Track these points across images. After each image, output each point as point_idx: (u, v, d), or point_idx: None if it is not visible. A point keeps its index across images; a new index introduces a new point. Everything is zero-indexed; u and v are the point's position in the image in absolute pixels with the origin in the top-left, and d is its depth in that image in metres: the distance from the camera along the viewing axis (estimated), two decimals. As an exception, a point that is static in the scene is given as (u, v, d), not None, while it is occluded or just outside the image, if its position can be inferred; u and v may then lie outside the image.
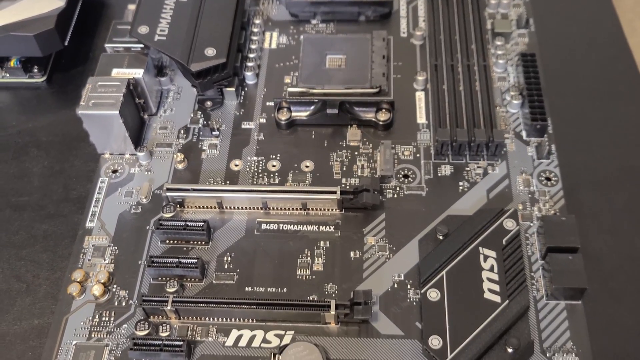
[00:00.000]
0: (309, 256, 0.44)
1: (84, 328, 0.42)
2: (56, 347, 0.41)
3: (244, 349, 0.40)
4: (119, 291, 0.43)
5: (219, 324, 0.41)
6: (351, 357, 0.40)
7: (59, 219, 0.47)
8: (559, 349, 0.39)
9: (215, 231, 0.45)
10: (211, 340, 0.41)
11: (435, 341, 0.39)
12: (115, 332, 0.41)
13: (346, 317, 0.40)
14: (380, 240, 0.44)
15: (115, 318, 0.42)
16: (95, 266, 0.44)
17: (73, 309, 0.42)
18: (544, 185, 0.46)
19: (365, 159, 0.48)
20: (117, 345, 0.41)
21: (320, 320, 0.41)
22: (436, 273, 0.41)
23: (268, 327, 0.41)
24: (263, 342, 0.41)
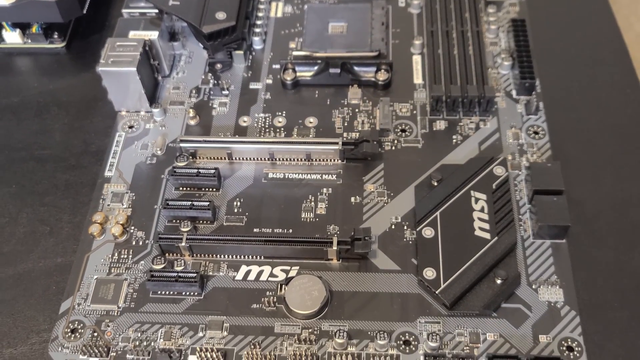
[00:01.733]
0: (313, 201, 0.47)
1: (104, 265, 0.45)
2: (78, 281, 0.44)
3: (252, 282, 0.44)
4: (136, 232, 0.46)
5: (229, 260, 0.45)
6: (352, 289, 0.43)
7: (79, 169, 0.50)
8: (544, 282, 0.42)
9: (225, 179, 0.48)
10: (222, 275, 0.44)
11: (429, 272, 0.42)
12: (133, 268, 0.45)
13: (347, 253, 0.44)
14: (379, 187, 0.47)
15: (133, 256, 0.45)
16: (114, 210, 0.47)
17: (94, 248, 0.46)
18: (532, 138, 0.49)
19: (365, 116, 0.51)
20: (135, 279, 0.44)
21: (323, 256, 0.44)
22: (431, 214, 0.44)
23: (275, 263, 0.44)
24: (270, 276, 0.44)
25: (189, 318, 0.42)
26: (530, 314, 0.41)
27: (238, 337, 0.41)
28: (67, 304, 0.43)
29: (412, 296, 0.42)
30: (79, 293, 0.43)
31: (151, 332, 0.42)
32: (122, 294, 0.43)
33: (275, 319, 0.42)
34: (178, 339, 0.41)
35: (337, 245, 0.43)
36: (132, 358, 0.41)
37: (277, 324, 0.42)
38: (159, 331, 0.42)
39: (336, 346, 0.40)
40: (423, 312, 0.42)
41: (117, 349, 0.41)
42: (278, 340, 0.41)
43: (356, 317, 0.42)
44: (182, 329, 0.42)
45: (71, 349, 0.41)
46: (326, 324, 0.42)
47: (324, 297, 0.42)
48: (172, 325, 0.42)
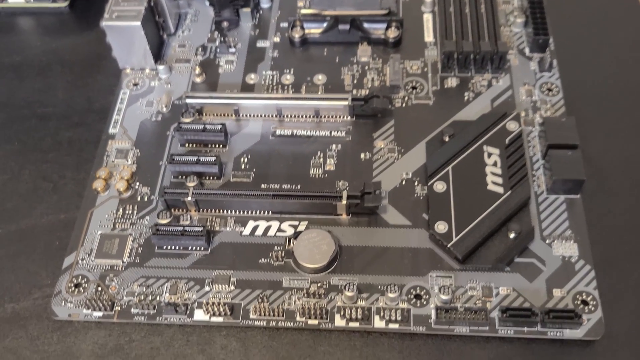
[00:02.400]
0: (321, 158, 0.46)
1: (108, 220, 0.44)
2: (82, 236, 0.43)
3: (260, 237, 0.43)
4: (141, 188, 0.45)
5: (236, 215, 0.44)
6: (361, 244, 0.42)
7: (83, 127, 0.49)
8: (558, 236, 0.41)
9: (232, 136, 0.47)
10: (229, 230, 0.43)
11: (441, 226, 0.41)
12: (138, 223, 0.44)
13: (357, 207, 0.43)
14: (389, 144, 0.46)
15: (137, 211, 0.44)
16: (118, 166, 0.46)
17: (98, 204, 0.45)
18: (546, 95, 0.48)
19: (375, 73, 0.50)
20: (140, 234, 0.43)
21: (332, 211, 0.43)
22: (442, 168, 0.43)
23: (283, 219, 0.43)
24: (278, 231, 0.43)
25: (195, 273, 0.41)
26: (544, 268, 0.40)
27: (245, 291, 0.40)
28: (70, 259, 0.42)
29: (423, 251, 0.41)
30: (83, 248, 0.43)
31: (156, 286, 0.41)
32: (126, 249, 0.42)
33: (284, 274, 0.41)
34: (184, 293, 0.40)
35: (347, 200, 0.42)
36: (137, 312, 0.40)
37: (286, 278, 0.41)
38: (164, 286, 0.41)
39: (345, 300, 0.39)
40: (434, 266, 0.41)
41: (121, 303, 0.40)
42: (286, 294, 0.40)
43: (366, 271, 0.41)
44: (188, 283, 0.41)
45: (75, 303, 0.40)
46: (335, 278, 0.41)
47: (333, 251, 0.41)
48: (177, 280, 0.41)
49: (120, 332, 0.40)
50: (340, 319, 0.39)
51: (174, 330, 0.40)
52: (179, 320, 0.40)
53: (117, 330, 0.40)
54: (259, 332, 0.39)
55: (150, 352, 0.39)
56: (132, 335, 0.39)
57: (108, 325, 0.40)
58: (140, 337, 0.39)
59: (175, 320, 0.40)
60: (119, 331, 0.40)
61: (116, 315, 0.40)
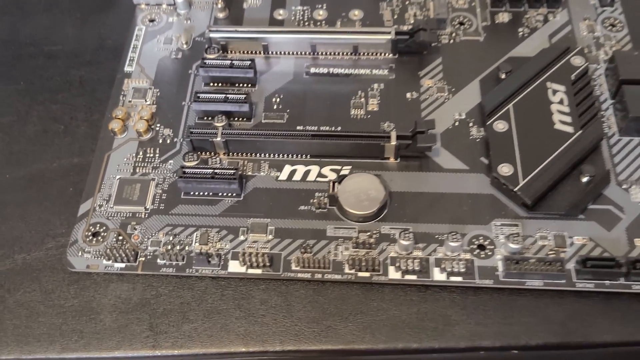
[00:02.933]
0: (363, 97, 0.41)
1: (127, 164, 0.39)
2: (99, 181, 0.38)
3: (298, 183, 0.38)
4: (163, 129, 0.40)
5: (270, 159, 0.39)
6: (413, 190, 0.37)
7: (95, 65, 0.44)
8: (635, 181, 0.37)
9: (261, 75, 0.43)
10: (263, 175, 0.38)
11: (505, 169, 0.36)
12: (161, 167, 0.39)
13: (407, 149, 0.38)
14: (438, 82, 0.42)
15: (160, 155, 0.39)
16: (136, 107, 0.41)
17: (115, 147, 0.40)
18: (609, 30, 0.43)
19: (417, 8, 0.45)
20: (164, 179, 0.38)
21: (379, 155, 0.38)
22: (502, 106, 0.39)
23: (323, 163, 0.39)
24: (319, 176, 0.38)
25: (228, 221, 0.37)
26: (623, 216, 0.36)
27: (285, 241, 0.36)
28: (86, 205, 0.37)
29: (484, 197, 0.37)
30: (100, 194, 0.38)
31: (184, 235, 0.36)
32: (149, 195, 0.38)
33: (328, 222, 0.36)
34: (216, 242, 0.36)
35: (397, 140, 0.37)
36: (164, 263, 0.35)
37: (330, 227, 0.36)
38: (193, 235, 0.36)
39: (400, 249, 0.35)
40: (497, 214, 0.36)
41: (146, 254, 0.36)
42: (332, 244, 0.36)
43: (420, 219, 0.36)
44: (220, 232, 0.36)
45: (93, 254, 0.36)
46: (386, 226, 0.36)
47: (383, 197, 0.36)
48: (208, 229, 0.36)
49: (145, 286, 0.35)
50: (394, 271, 0.35)
51: (206, 284, 0.35)
52: (211, 272, 0.35)
53: (141, 283, 0.35)
54: (302, 285, 0.35)
55: (181, 308, 0.34)
56: (159, 289, 0.35)
57: (131, 277, 0.35)
58: (168, 290, 0.35)
59: (208, 272, 0.35)
60: (144, 284, 0.35)
61: (140, 267, 0.35)
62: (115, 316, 0.34)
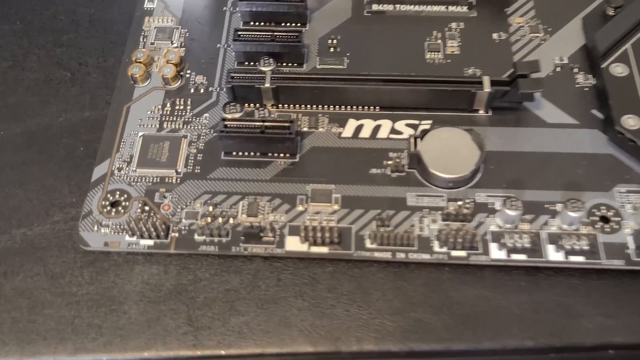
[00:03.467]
0: (440, 39, 0.34)
1: (152, 118, 0.31)
2: (117, 139, 0.31)
3: (367, 141, 0.30)
4: (195, 77, 0.33)
5: (330, 112, 0.31)
6: (511, 150, 0.30)
7: (108, 1, 0.36)
8: None
9: (313, 13, 0.35)
10: (322, 131, 0.31)
11: (630, 121, 0.29)
12: (195, 122, 0.31)
13: (502, 98, 0.30)
14: (530, 21, 0.34)
15: (192, 107, 0.32)
16: (161, 50, 0.33)
17: (136, 97, 0.32)
18: None
19: None
20: (199, 136, 0.31)
21: (466, 106, 0.31)
22: (617, 47, 0.31)
23: (396, 116, 0.31)
24: (392, 133, 0.30)
25: (282, 187, 0.29)
26: None
27: (355, 211, 0.28)
28: (102, 169, 0.30)
29: (601, 157, 0.29)
30: (119, 155, 0.30)
31: (227, 205, 0.28)
32: (181, 155, 0.30)
33: (408, 188, 0.29)
34: (268, 214, 0.28)
35: (491, 86, 0.30)
36: (203, 239, 0.27)
37: (411, 194, 0.29)
38: (239, 204, 0.28)
39: (503, 222, 0.27)
40: (620, 178, 0.29)
41: (179, 228, 0.28)
42: (414, 216, 0.28)
43: (524, 184, 0.29)
44: (272, 201, 0.28)
45: (112, 228, 0.28)
46: (482, 194, 0.28)
47: (479, 156, 0.28)
48: (257, 197, 0.28)
49: (180, 268, 0.27)
50: (497, 249, 0.27)
51: (258, 266, 0.27)
52: (264, 251, 0.27)
53: (175, 265, 0.27)
54: (380, 268, 0.27)
55: (227, 296, 0.26)
56: (197, 273, 0.27)
57: (162, 258, 0.28)
58: (209, 274, 0.27)
59: (260, 250, 0.27)
60: (178, 266, 0.27)
61: (173, 245, 0.28)
62: (142, 307, 0.26)
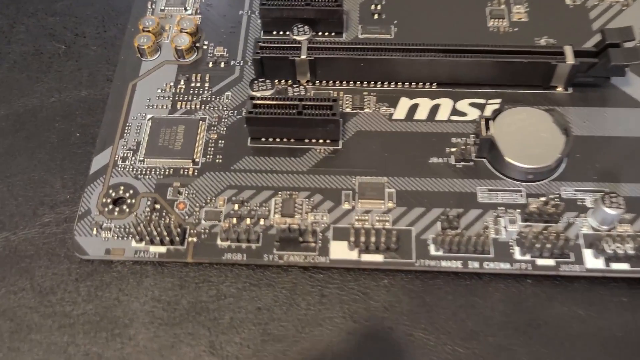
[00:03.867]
0: (503, 3, 0.28)
1: (162, 97, 0.26)
2: (120, 122, 0.25)
3: (424, 124, 0.25)
4: (213, 48, 0.27)
5: (378, 89, 0.26)
6: (598, 134, 0.24)
7: (109, -37, 0.31)
8: None
9: (350, -26, 0.29)
10: (369, 112, 0.25)
11: None
12: (214, 102, 0.26)
13: (587, 72, 0.25)
14: (610, -19, 0.28)
15: (211, 83, 0.26)
16: (172, 18, 0.28)
17: (143, 73, 0.27)
18: None
19: None
20: (219, 119, 0.25)
21: (542, 81, 0.25)
22: None
23: (457, 94, 0.26)
24: (453, 114, 0.25)
25: (322, 180, 0.24)
26: None
27: (414, 210, 0.23)
28: (102, 159, 0.24)
29: None
30: (123, 142, 0.25)
31: (257, 202, 0.23)
32: (199, 142, 0.24)
33: (478, 181, 0.23)
34: (307, 214, 0.23)
35: (575, 58, 0.24)
36: (227, 246, 0.22)
37: (481, 188, 0.23)
38: (271, 201, 0.23)
39: (598, 223, 0.22)
40: None
41: (198, 231, 0.22)
42: (488, 215, 0.22)
43: (618, 177, 0.23)
44: (311, 197, 0.23)
45: (115, 232, 0.23)
46: (568, 188, 0.23)
47: (565, 142, 0.23)
48: (293, 193, 0.23)
49: (200, 282, 0.22)
50: (594, 256, 0.21)
51: (296, 278, 0.22)
52: (304, 260, 0.22)
53: (193, 277, 0.22)
54: (447, 280, 0.22)
55: (258, 317, 0.21)
56: (221, 287, 0.22)
57: (178, 269, 0.22)
58: (236, 289, 0.22)
59: (298, 259, 0.22)
60: (197, 279, 0.22)
61: (191, 252, 0.22)
62: (153, 331, 0.21)
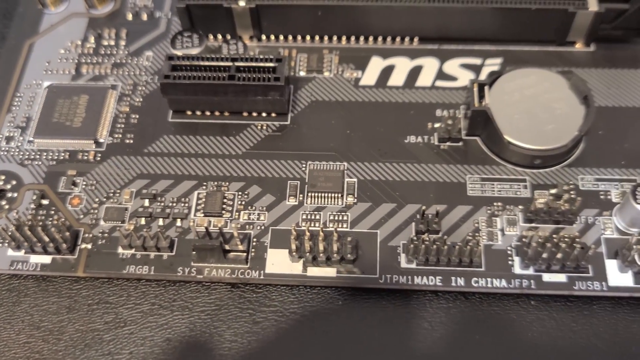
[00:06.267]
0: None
1: (66, 60, 0.21)
2: (9, 92, 0.20)
3: (401, 92, 0.19)
4: (135, -2, 0.21)
5: (342, 47, 0.20)
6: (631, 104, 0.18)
7: None
8: None
9: None
10: (329, 76, 0.19)
11: None
12: (130, 65, 0.20)
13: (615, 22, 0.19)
14: None
15: (128, 40, 0.20)
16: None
17: (44, 29, 0.21)
18: None
19: None
20: (135, 87, 0.19)
21: (557, 35, 0.19)
22: None
23: (446, 53, 0.20)
24: (439, 78, 0.19)
25: (262, 167, 0.18)
26: None
27: (382, 207, 0.17)
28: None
29: None
30: (10, 117, 0.19)
31: (173, 197, 0.17)
32: (105, 117, 0.19)
33: (469, 168, 0.17)
34: (238, 213, 0.17)
35: (599, 3, 0.18)
36: (131, 255, 0.16)
37: (472, 177, 0.18)
38: (192, 196, 0.17)
39: (628, 224, 0.16)
40: None
41: (94, 235, 0.17)
42: (480, 213, 0.17)
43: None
44: (246, 191, 0.17)
45: (-13, 235, 0.17)
46: (588, 176, 0.17)
47: (585, 116, 0.17)
48: (222, 184, 0.18)
49: (93, 302, 0.17)
50: (618, 271, 0.16)
51: (220, 297, 0.16)
52: (231, 276, 0.16)
53: (85, 297, 0.17)
54: (424, 301, 0.16)
55: (166, 352, 0.16)
56: (120, 311, 0.16)
57: (65, 285, 0.17)
58: (139, 314, 0.16)
59: (224, 274, 0.16)
60: (90, 299, 0.17)
61: (83, 264, 0.17)
62: (29, 369, 0.15)
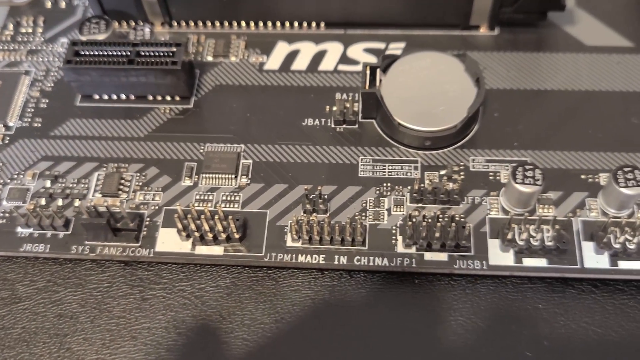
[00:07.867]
0: None
1: (-18, 47, 0.21)
2: None
3: (304, 76, 0.19)
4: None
5: (250, 33, 0.21)
6: (527, 87, 0.19)
7: None
8: None
9: None
10: (236, 60, 0.20)
11: None
12: (45, 51, 0.21)
13: (518, 4, 0.19)
14: None
15: (46, 29, 0.21)
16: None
17: (-36, 16, 0.21)
18: None
19: None
20: (47, 72, 0.20)
21: (460, 19, 0.20)
22: None
23: (350, 38, 0.20)
24: (342, 62, 0.19)
25: (161, 149, 0.19)
26: None
27: (274, 188, 0.18)
28: None
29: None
30: None
31: (74, 178, 0.18)
32: (16, 102, 0.19)
33: (362, 150, 0.18)
34: (134, 193, 0.17)
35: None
36: (29, 234, 0.17)
37: (365, 158, 0.18)
38: (92, 177, 0.18)
39: (510, 203, 0.16)
40: None
41: None
42: (368, 194, 0.17)
43: (546, 144, 0.18)
44: (144, 172, 0.18)
45: None
46: (479, 158, 0.17)
47: (475, 97, 0.17)
48: (122, 166, 0.18)
49: (-16, 282, 0.17)
50: (500, 249, 0.16)
51: (113, 275, 0.17)
52: (121, 254, 0.17)
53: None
54: (308, 279, 0.17)
55: (57, 327, 0.17)
56: (17, 288, 0.18)
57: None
58: (34, 290, 0.17)
59: (115, 252, 0.17)
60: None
61: (-22, 243, 0.17)
62: None
